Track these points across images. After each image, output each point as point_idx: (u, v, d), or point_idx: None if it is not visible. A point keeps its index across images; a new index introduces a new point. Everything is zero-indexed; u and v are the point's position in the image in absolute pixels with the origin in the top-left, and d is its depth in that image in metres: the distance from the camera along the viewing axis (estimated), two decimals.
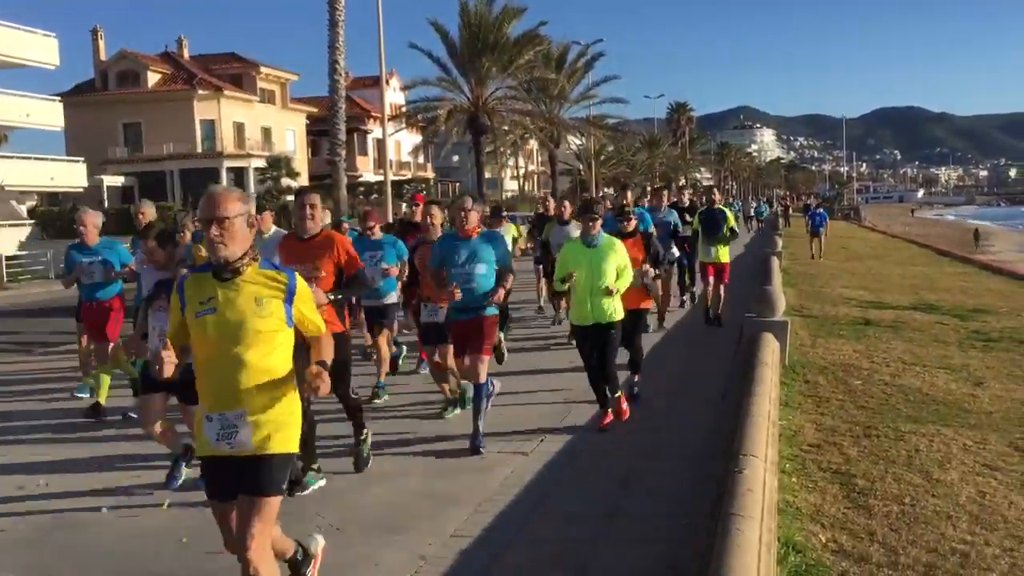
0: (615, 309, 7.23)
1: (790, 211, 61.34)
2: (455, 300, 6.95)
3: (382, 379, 8.82)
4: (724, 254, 12.69)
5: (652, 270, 8.05)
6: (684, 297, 14.74)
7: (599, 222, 7.18)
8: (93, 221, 8.70)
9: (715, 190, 14.21)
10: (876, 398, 8.58)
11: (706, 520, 4.90)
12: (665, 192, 13.96)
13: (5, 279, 28.28)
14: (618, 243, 7.26)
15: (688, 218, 13.47)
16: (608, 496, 5.83)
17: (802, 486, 5.90)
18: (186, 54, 54.09)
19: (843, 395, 8.65)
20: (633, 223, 8.17)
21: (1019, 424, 7.81)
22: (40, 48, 37.77)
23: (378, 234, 9.01)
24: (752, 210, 52.92)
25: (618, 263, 7.16)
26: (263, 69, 53.89)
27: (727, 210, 13.03)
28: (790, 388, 8.76)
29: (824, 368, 9.93)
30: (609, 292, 7.03)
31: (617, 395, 7.49)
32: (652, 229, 11.21)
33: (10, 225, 35.06)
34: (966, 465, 6.47)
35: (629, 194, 13.74)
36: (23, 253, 32.06)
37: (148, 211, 9.43)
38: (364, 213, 9.51)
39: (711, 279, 12.62)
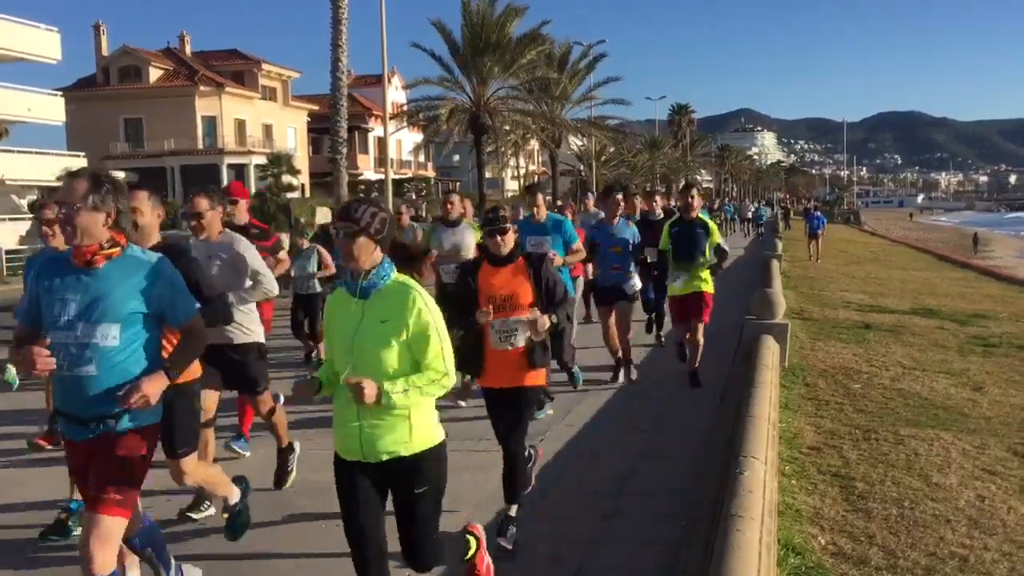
0: (422, 428, 3.58)
1: (791, 214, 61.25)
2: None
3: None
4: (705, 281, 8.90)
5: (544, 319, 4.88)
6: (654, 336, 11.72)
7: (358, 244, 3.47)
8: None
9: (693, 191, 9.11)
10: (876, 402, 8.59)
11: (706, 521, 4.90)
12: (620, 195, 9.31)
13: (5, 273, 28.32)
14: (414, 291, 3.51)
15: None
16: (607, 496, 5.83)
17: (801, 488, 5.91)
18: (188, 50, 54.13)
19: (843, 398, 8.66)
20: (510, 240, 5.07)
21: (1018, 429, 7.82)
22: (43, 42, 37.79)
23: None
24: (750, 213, 49.27)
25: (419, 327, 3.49)
26: (265, 66, 53.94)
27: (709, 220, 9.12)
28: (790, 391, 8.76)
29: (824, 371, 9.93)
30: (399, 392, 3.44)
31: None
32: (572, 241, 8.23)
33: (10, 219, 35.06)
34: (965, 469, 6.47)
35: (541, 198, 8.55)
36: (23, 247, 32.07)
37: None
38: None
39: (685, 324, 9.03)
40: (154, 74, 50.08)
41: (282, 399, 6.79)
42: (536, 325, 4.88)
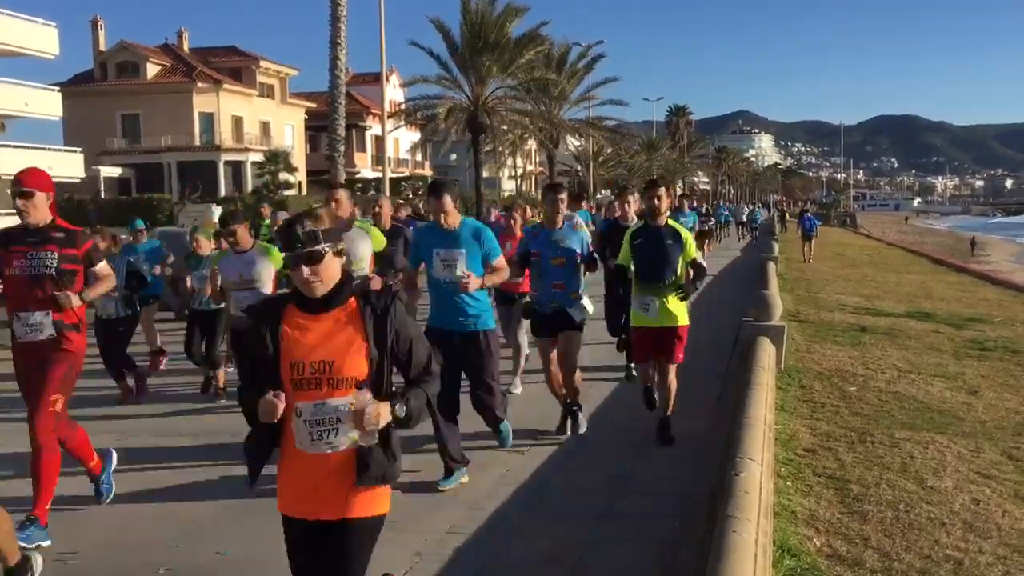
0: None
1: (787, 216, 61.20)
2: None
3: None
4: (678, 310, 6.90)
5: (376, 410, 2.96)
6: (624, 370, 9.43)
7: None
8: None
9: (660, 190, 7.00)
10: (871, 404, 8.61)
11: (702, 521, 4.91)
12: (562, 196, 7.15)
13: None
14: None
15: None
16: (603, 496, 5.84)
17: (797, 490, 5.92)
18: (186, 46, 54.06)
19: (838, 401, 8.67)
20: (330, 272, 3.06)
21: (1013, 433, 7.84)
22: (40, 37, 37.71)
23: None
24: (744, 216, 45.85)
25: None
26: (263, 63, 53.88)
27: (679, 227, 7.03)
28: (786, 393, 8.78)
29: (820, 374, 9.95)
30: None
31: None
32: (493, 256, 5.97)
33: (6, 214, 35.00)
34: (960, 473, 6.49)
35: (449, 201, 5.83)
36: None
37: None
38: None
39: (653, 362, 7.08)
40: (152, 70, 49.98)
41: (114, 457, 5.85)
42: (362, 418, 2.93)
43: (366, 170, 58.92)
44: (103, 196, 41.35)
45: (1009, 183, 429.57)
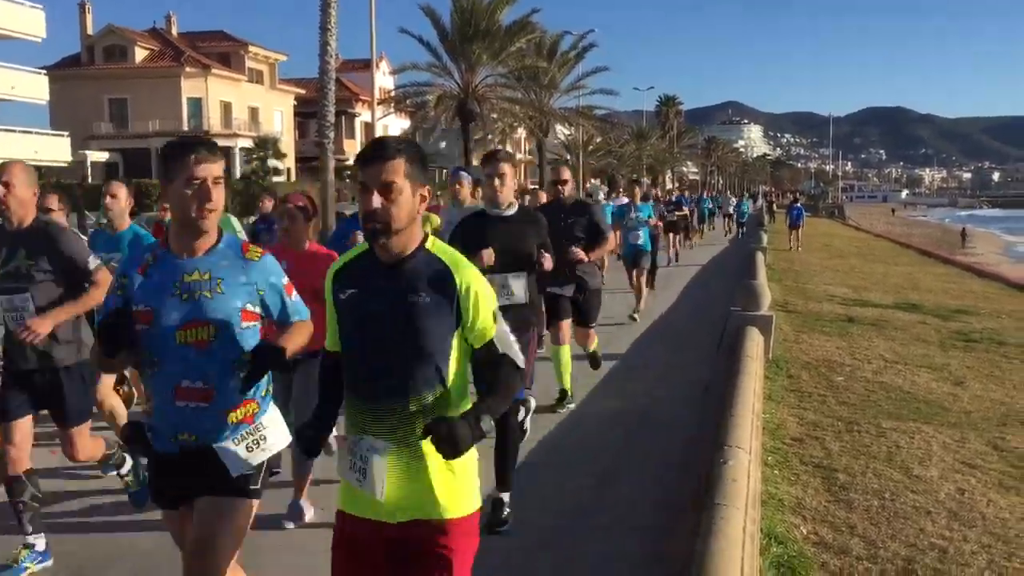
0: None
1: (775, 207, 61.39)
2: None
3: None
4: (446, 482, 2.56)
5: None
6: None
7: None
8: None
9: (392, 164, 2.48)
10: (858, 394, 8.66)
11: (690, 510, 4.94)
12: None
13: None
14: None
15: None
16: (593, 485, 5.87)
17: (784, 479, 5.96)
18: (175, 31, 53.73)
19: (825, 390, 8.73)
20: None
21: (998, 423, 7.90)
22: (27, 19, 37.41)
23: None
24: (731, 207, 42.16)
25: None
26: (252, 48, 53.63)
27: (453, 256, 2.57)
28: (773, 382, 8.82)
29: (807, 364, 10.01)
30: None
31: None
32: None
33: None
34: (945, 462, 6.55)
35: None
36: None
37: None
38: None
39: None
40: (140, 54, 49.69)
41: None
42: None
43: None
44: (90, 181, 41.07)
45: (996, 176, 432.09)
